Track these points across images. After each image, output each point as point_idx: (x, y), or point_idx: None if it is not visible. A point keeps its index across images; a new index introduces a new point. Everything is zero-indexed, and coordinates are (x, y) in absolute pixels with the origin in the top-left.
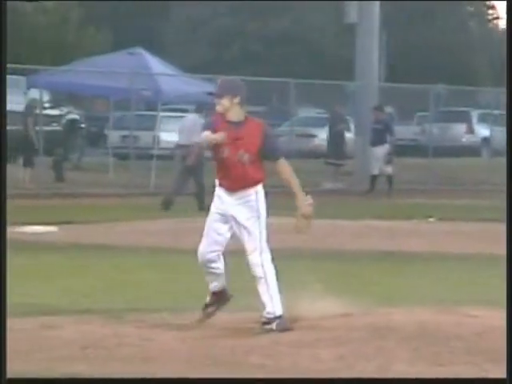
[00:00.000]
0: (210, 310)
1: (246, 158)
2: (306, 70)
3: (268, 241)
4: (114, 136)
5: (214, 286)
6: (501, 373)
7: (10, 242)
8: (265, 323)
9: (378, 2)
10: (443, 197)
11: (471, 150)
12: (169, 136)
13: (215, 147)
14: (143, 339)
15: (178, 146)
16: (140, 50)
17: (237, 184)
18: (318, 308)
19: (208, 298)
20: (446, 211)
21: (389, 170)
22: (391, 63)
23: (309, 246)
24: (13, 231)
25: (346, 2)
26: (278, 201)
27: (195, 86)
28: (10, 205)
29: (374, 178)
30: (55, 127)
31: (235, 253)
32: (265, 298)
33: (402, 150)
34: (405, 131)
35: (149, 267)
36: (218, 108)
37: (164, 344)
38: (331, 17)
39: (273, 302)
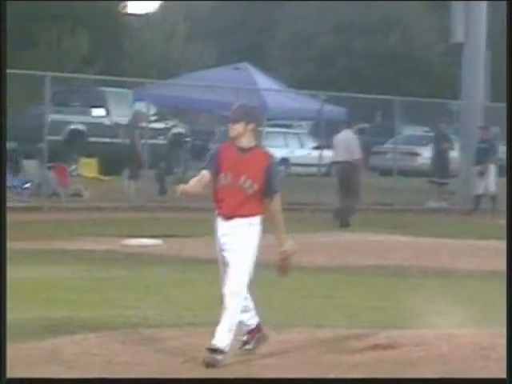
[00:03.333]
0: (247, 347)
1: (248, 185)
2: (412, 88)
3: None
4: None
5: (245, 322)
6: None
7: (115, 254)
8: (212, 351)
9: (484, 22)
10: None
11: None
12: (273, 152)
13: (217, 173)
14: (245, 354)
15: (334, 163)
16: (246, 65)
17: (234, 211)
18: (423, 325)
19: (244, 336)
20: None
21: (493, 189)
22: (497, 83)
23: (414, 263)
24: (118, 243)
25: (452, 21)
26: (387, 219)
27: (300, 101)
28: (116, 217)
29: (477, 197)
30: (160, 140)
31: (334, 269)
32: (220, 327)
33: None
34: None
35: (251, 282)
36: (232, 132)
37: (266, 358)
38: (438, 35)
39: (222, 335)
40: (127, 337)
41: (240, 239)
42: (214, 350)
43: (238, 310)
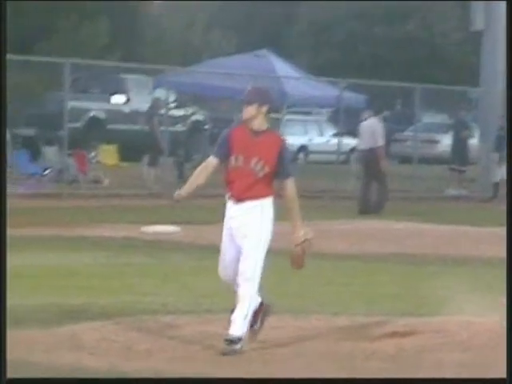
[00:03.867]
0: (255, 327)
1: (259, 167)
2: (431, 75)
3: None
4: None
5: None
6: None
7: (134, 241)
8: (231, 342)
9: (504, 10)
10: None
11: None
12: (292, 139)
13: (229, 155)
14: (262, 341)
15: (358, 151)
16: (265, 52)
17: (245, 193)
18: (442, 313)
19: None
20: None
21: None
22: None
23: (433, 251)
24: (137, 230)
25: (472, 8)
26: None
27: (320, 89)
28: (135, 204)
29: (496, 184)
30: (180, 128)
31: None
32: (235, 315)
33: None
34: None
35: (267, 269)
36: (245, 114)
37: (282, 346)
38: (458, 22)
39: (239, 324)
40: (145, 323)
41: (251, 222)
42: (232, 341)
43: (252, 296)
